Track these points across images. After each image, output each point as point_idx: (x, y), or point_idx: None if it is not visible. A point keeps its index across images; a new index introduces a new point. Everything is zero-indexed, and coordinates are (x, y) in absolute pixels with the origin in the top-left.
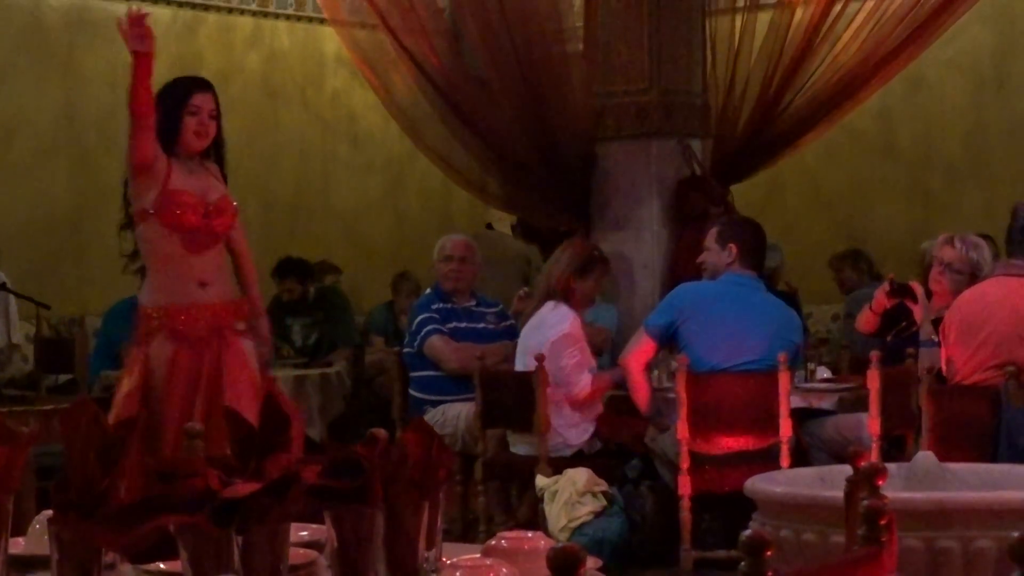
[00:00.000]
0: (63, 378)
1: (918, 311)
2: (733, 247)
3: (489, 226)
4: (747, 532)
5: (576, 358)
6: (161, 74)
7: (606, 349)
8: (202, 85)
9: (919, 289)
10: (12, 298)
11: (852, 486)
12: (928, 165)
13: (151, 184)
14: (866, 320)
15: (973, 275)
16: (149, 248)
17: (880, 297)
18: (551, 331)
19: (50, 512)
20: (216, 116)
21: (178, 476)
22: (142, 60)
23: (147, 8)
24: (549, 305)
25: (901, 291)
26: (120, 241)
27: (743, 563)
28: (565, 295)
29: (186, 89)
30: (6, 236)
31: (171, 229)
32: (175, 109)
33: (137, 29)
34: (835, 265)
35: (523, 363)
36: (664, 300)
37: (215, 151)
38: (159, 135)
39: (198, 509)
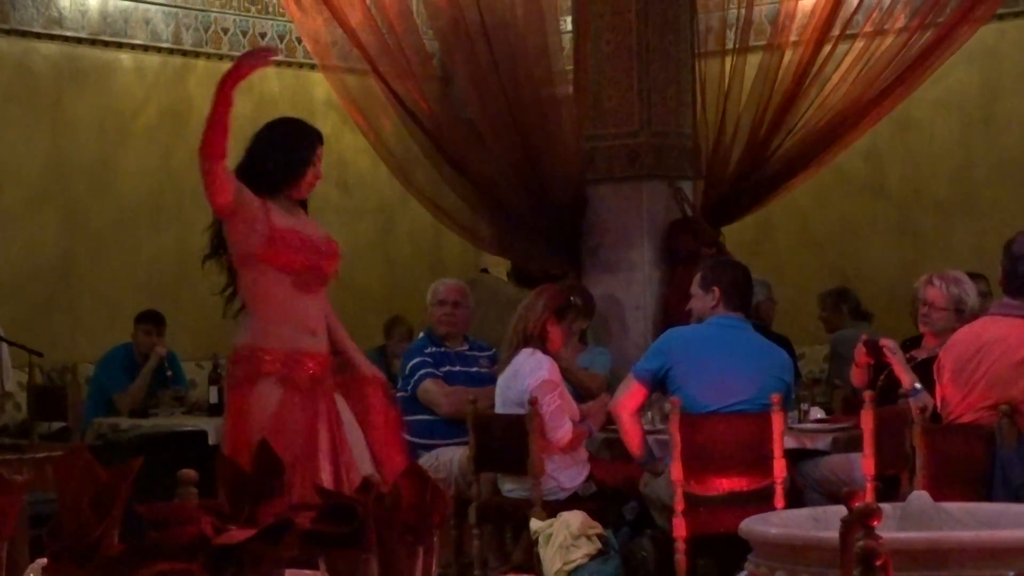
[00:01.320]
0: (56, 425)
1: (896, 367)
2: (716, 290)
3: (485, 270)
4: (742, 574)
5: (556, 403)
6: (151, 121)
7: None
8: (321, 137)
9: (889, 344)
10: (4, 346)
11: (847, 527)
12: (918, 204)
13: (252, 225)
14: (856, 375)
15: (958, 310)
16: (257, 292)
17: (860, 355)
18: (530, 379)
19: (44, 560)
20: None
21: (172, 523)
22: (244, 70)
23: (138, 55)
24: (525, 352)
25: (875, 351)
26: (208, 282)
27: None
28: (541, 340)
29: (314, 140)
30: None
31: (281, 271)
32: (303, 158)
33: (257, 59)
34: (820, 304)
35: (504, 412)
36: (652, 345)
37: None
38: (276, 173)
39: (192, 556)
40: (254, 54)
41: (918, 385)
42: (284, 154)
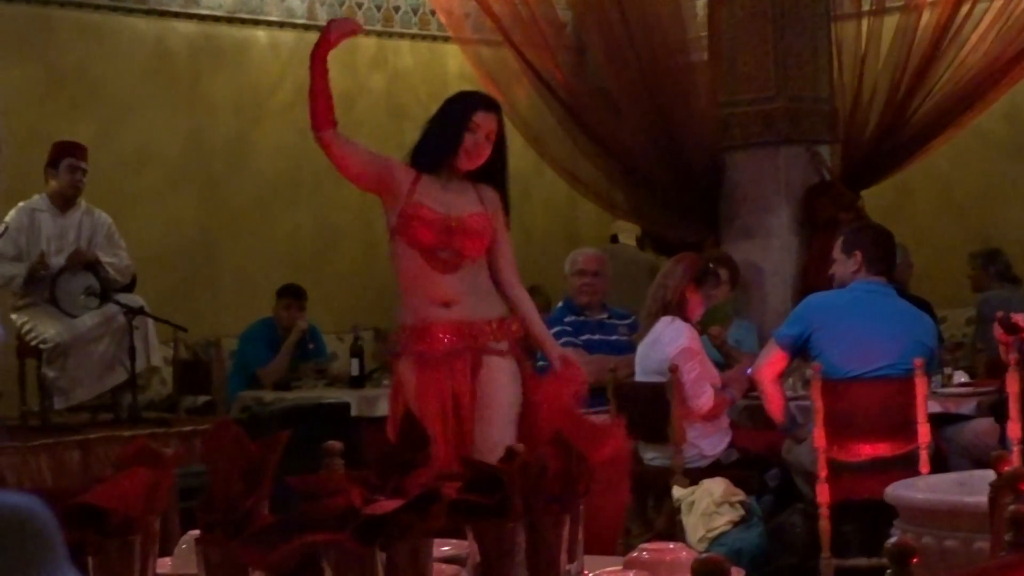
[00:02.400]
0: (201, 399)
1: None
2: (858, 254)
3: (614, 238)
4: (892, 540)
5: (696, 371)
6: (287, 98)
7: None
8: (488, 104)
9: (1021, 317)
10: (150, 322)
11: (996, 491)
12: None
13: (395, 199)
14: (1004, 353)
15: None
16: (395, 265)
17: (999, 334)
18: (669, 347)
19: (197, 532)
20: (495, 138)
21: (322, 494)
22: (331, 39)
23: (274, 32)
24: (665, 320)
25: (1010, 327)
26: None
27: (889, 571)
28: (680, 308)
29: (470, 105)
30: (141, 262)
31: (410, 245)
32: (455, 124)
33: (344, 28)
34: (969, 262)
35: (644, 380)
36: (794, 311)
37: (497, 176)
38: (429, 147)
39: (342, 527)
40: (340, 23)
41: None
42: (438, 127)
